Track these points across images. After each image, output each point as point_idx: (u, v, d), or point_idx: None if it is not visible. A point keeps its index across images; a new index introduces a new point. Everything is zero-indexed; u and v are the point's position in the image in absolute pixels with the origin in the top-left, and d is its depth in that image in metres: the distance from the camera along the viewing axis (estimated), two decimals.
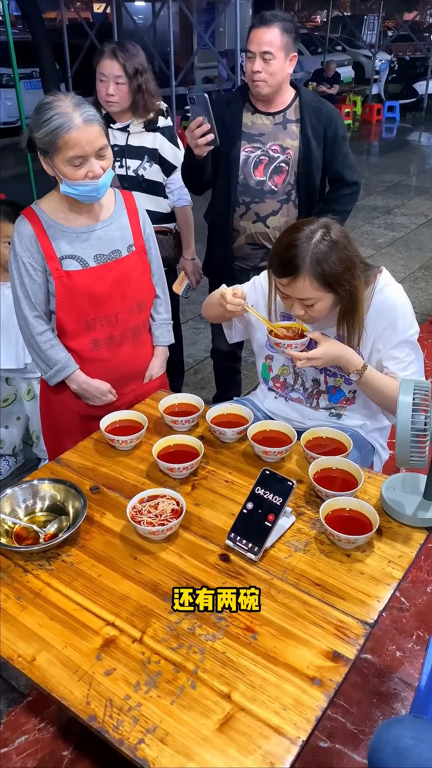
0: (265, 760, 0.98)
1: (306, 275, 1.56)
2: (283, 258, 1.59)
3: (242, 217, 2.44)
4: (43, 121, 1.60)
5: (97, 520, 1.46)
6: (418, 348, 1.74)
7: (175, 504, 1.43)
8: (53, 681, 1.11)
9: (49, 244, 1.74)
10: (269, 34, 2.21)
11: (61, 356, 1.84)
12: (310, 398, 1.87)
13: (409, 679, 1.90)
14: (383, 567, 1.32)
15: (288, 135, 2.36)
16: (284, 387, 1.91)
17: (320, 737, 1.73)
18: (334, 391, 1.83)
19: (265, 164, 2.36)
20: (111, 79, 2.43)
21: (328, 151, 2.40)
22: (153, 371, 2.06)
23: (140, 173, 2.58)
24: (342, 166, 2.45)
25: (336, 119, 2.42)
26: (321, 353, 1.63)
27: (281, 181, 2.38)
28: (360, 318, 1.67)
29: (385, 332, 1.69)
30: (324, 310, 1.64)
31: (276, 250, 1.64)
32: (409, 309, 1.71)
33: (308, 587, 1.27)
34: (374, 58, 14.54)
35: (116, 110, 2.51)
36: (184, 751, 1.00)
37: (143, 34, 11.63)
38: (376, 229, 6.42)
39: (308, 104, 2.37)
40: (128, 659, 1.14)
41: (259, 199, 2.40)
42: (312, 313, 1.65)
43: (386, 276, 1.72)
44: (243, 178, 2.38)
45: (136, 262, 1.89)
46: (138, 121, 2.55)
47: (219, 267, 2.57)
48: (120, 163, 2.56)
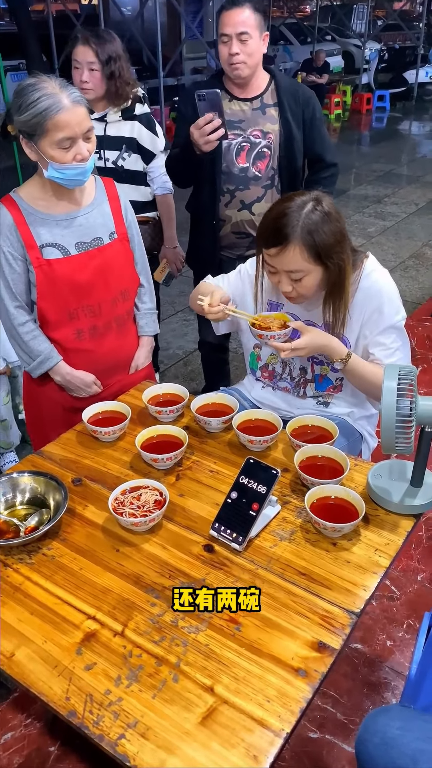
0: (249, 754, 0.96)
1: (296, 244, 1.53)
2: (274, 227, 1.55)
3: (227, 206, 2.41)
4: (29, 103, 1.55)
5: (79, 512, 1.43)
6: (404, 334, 1.72)
7: (159, 495, 1.41)
8: (32, 677, 1.08)
9: (29, 232, 1.71)
10: (242, 14, 2.17)
11: (43, 347, 1.80)
12: (297, 387, 1.84)
13: (399, 668, 1.89)
14: (370, 555, 1.30)
15: (268, 120, 2.33)
16: (272, 376, 1.88)
17: (310, 728, 1.72)
18: (320, 380, 1.81)
19: (248, 150, 2.33)
20: (84, 65, 2.41)
21: (308, 134, 2.38)
22: (138, 362, 2.02)
23: (119, 164, 2.55)
24: (322, 147, 2.44)
25: (313, 101, 2.40)
26: (305, 343, 1.60)
27: (264, 167, 2.35)
28: (345, 298, 1.64)
29: (372, 317, 1.67)
30: (312, 286, 1.61)
31: (265, 221, 1.60)
32: (396, 294, 1.69)
33: (293, 577, 1.25)
34: (364, 47, 14.45)
35: (91, 97, 2.47)
36: (165, 745, 0.98)
37: (130, 24, 11.53)
38: (366, 218, 6.39)
39: (284, 87, 2.34)
40: (109, 653, 1.11)
41: (243, 186, 2.36)
42: (300, 289, 1.61)
43: (373, 261, 1.70)
44: (226, 166, 2.34)
45: (119, 249, 1.85)
46: (115, 110, 2.52)
47: (205, 258, 2.53)
48: (99, 155, 2.53)
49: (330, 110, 12.03)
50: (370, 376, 1.66)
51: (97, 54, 2.39)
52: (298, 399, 1.85)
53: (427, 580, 2.19)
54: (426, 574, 2.21)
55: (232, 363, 3.18)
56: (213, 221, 2.43)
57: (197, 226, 2.56)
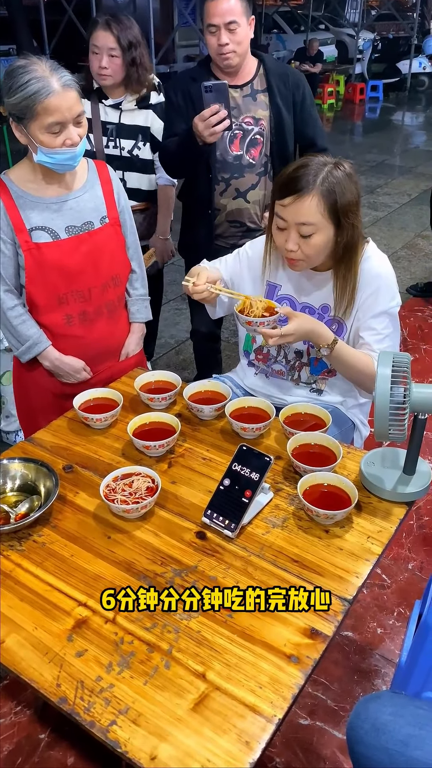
0: (240, 739, 0.96)
1: (315, 194, 1.52)
2: (293, 176, 1.54)
3: (222, 195, 2.38)
4: (19, 86, 1.52)
5: (71, 499, 1.42)
6: (397, 322, 1.71)
7: (151, 482, 1.40)
8: (23, 663, 1.07)
9: (18, 215, 1.68)
10: (228, 3, 2.12)
11: (32, 332, 1.78)
12: (292, 371, 1.83)
13: (389, 656, 1.89)
14: (362, 543, 1.29)
15: (259, 106, 2.30)
16: (266, 359, 1.87)
17: (301, 714, 1.72)
18: (316, 363, 1.80)
19: (240, 138, 2.30)
20: (104, 51, 2.36)
21: (299, 117, 2.36)
22: (129, 348, 2.01)
23: (135, 153, 2.52)
24: (314, 131, 2.42)
25: (303, 83, 2.38)
26: (293, 329, 1.59)
27: (258, 154, 2.33)
28: (355, 266, 1.63)
29: (367, 300, 1.66)
30: (320, 245, 1.58)
31: (284, 171, 1.59)
32: (393, 280, 1.68)
33: (286, 564, 1.24)
34: (357, 37, 14.39)
35: (109, 84, 2.44)
36: (157, 731, 0.97)
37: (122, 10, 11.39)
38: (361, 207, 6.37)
39: (274, 71, 2.31)
40: (100, 640, 1.11)
41: (238, 174, 2.34)
42: (306, 249, 1.58)
43: (373, 247, 1.69)
44: (219, 155, 2.31)
45: (110, 234, 1.83)
46: (131, 98, 2.48)
47: (200, 247, 2.51)
48: (114, 144, 2.49)
49: (323, 100, 11.97)
50: (357, 363, 1.64)
51: (119, 39, 2.34)
52: (291, 384, 1.84)
53: (418, 569, 2.19)
54: (416, 562, 2.22)
55: (223, 352, 3.17)
56: (208, 210, 2.41)
57: (191, 215, 2.53)
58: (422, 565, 2.21)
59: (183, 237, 2.64)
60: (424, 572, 2.18)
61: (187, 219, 2.57)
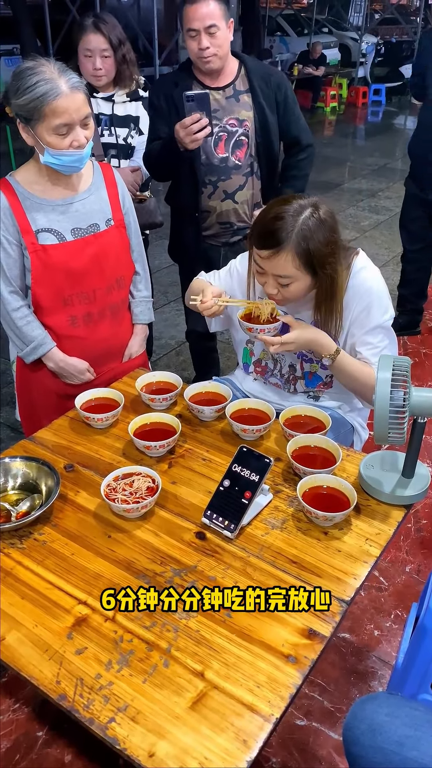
0: (238, 738, 0.97)
1: (289, 250, 1.52)
2: (268, 229, 1.53)
3: (210, 197, 2.39)
4: (27, 87, 1.53)
5: (71, 498, 1.43)
6: (392, 333, 1.72)
7: (151, 482, 1.41)
8: (23, 660, 1.08)
9: (24, 217, 1.69)
10: (207, 7, 2.13)
11: (37, 333, 1.80)
12: (287, 383, 1.84)
13: (386, 658, 1.90)
14: (360, 545, 1.30)
15: (242, 107, 2.31)
16: (264, 372, 1.88)
17: (297, 715, 1.73)
18: (310, 377, 1.80)
19: (225, 140, 2.31)
20: (97, 53, 2.41)
21: (282, 116, 2.37)
22: (132, 350, 2.02)
23: (129, 141, 2.57)
24: (297, 129, 2.43)
25: (284, 83, 2.39)
26: (294, 338, 1.59)
27: (243, 155, 2.34)
28: (339, 304, 1.63)
29: (360, 316, 1.66)
30: (298, 292, 1.60)
31: (261, 221, 1.58)
32: (385, 293, 1.68)
33: (284, 565, 1.25)
34: (360, 40, 14.41)
35: (103, 83, 2.48)
36: (155, 729, 0.98)
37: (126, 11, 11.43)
38: (360, 212, 6.39)
39: (255, 72, 2.33)
40: (100, 638, 1.12)
41: (225, 176, 2.35)
42: (285, 294, 1.60)
43: (363, 258, 1.68)
44: (206, 158, 2.32)
45: (115, 236, 1.84)
46: (121, 92, 2.53)
47: (188, 249, 2.51)
48: (109, 131, 2.53)
49: (326, 103, 11.99)
50: (359, 374, 1.65)
51: (110, 39, 2.40)
52: (288, 394, 1.85)
53: (415, 572, 2.20)
54: (414, 565, 2.23)
55: (223, 354, 3.17)
56: (196, 213, 2.41)
57: (179, 218, 2.53)
58: (419, 568, 2.22)
59: (172, 239, 2.65)
60: (421, 575, 2.19)
61: (176, 222, 2.58)
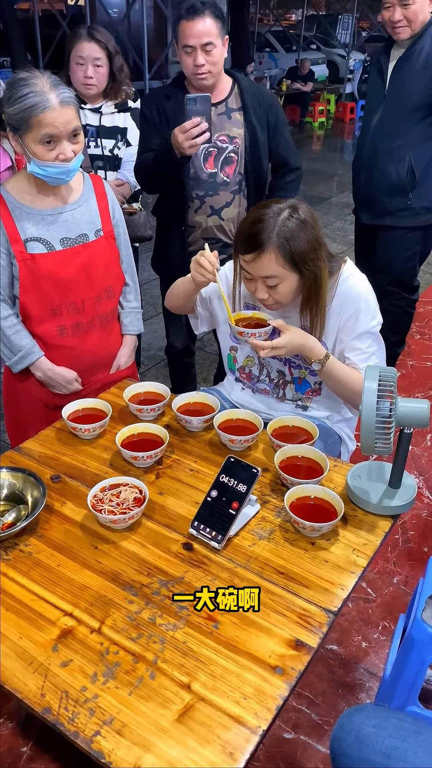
0: (225, 750, 0.96)
1: (272, 250, 1.54)
2: (250, 233, 1.56)
3: (197, 212, 2.39)
4: (18, 98, 1.55)
5: (58, 509, 1.42)
6: (380, 339, 1.73)
7: (138, 492, 1.40)
8: (6, 673, 1.07)
9: (13, 225, 1.70)
10: (204, 24, 2.13)
11: (25, 342, 1.79)
12: (276, 388, 1.85)
13: (374, 670, 1.90)
14: (348, 555, 1.30)
15: (233, 124, 2.32)
16: (250, 378, 1.89)
17: (285, 728, 1.72)
18: (299, 382, 1.81)
19: (215, 156, 2.32)
20: (89, 61, 2.42)
21: (272, 137, 2.39)
22: (121, 361, 2.02)
23: (115, 153, 2.58)
24: (286, 151, 2.45)
25: (276, 104, 2.42)
26: (284, 342, 1.61)
27: (232, 172, 2.35)
28: (322, 305, 1.65)
29: (348, 322, 1.68)
30: (287, 293, 1.62)
31: (242, 227, 1.61)
32: (373, 299, 1.70)
33: (272, 575, 1.25)
34: (348, 57, 14.60)
35: (93, 93, 2.49)
36: (141, 742, 0.97)
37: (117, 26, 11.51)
38: (348, 225, 6.44)
39: (248, 90, 2.34)
40: (86, 650, 1.11)
41: (212, 192, 2.35)
42: (275, 296, 1.62)
43: (350, 266, 1.71)
44: (194, 172, 2.32)
45: (104, 247, 1.84)
46: (110, 103, 2.54)
47: (172, 262, 2.49)
48: (95, 143, 2.54)
49: (314, 118, 12.13)
50: (347, 379, 1.67)
51: (106, 48, 2.43)
52: (277, 402, 1.86)
53: (403, 583, 2.20)
54: (401, 576, 2.23)
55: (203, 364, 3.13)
56: (182, 227, 2.42)
57: (164, 231, 2.52)
58: (407, 579, 2.22)
59: (156, 252, 2.65)
60: (408, 586, 2.19)
61: (161, 235, 2.57)
